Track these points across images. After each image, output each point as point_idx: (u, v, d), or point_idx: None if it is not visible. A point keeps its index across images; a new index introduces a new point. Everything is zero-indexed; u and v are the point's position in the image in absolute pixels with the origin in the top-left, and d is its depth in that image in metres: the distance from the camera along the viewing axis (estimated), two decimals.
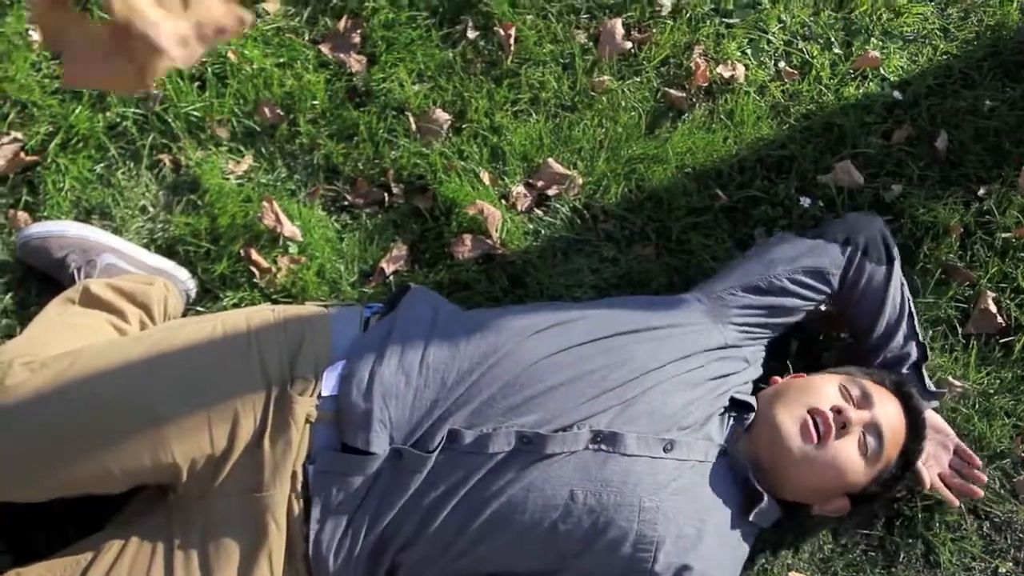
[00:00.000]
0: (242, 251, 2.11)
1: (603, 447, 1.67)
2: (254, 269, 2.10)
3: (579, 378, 1.70)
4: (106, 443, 1.59)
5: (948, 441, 2.02)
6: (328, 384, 1.68)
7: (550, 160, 2.23)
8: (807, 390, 1.80)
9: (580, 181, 2.23)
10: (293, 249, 2.12)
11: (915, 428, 1.82)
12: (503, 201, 2.20)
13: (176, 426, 1.60)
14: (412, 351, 1.71)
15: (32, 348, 1.69)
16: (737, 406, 1.84)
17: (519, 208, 2.20)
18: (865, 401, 1.77)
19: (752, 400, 1.85)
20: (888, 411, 1.78)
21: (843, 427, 1.72)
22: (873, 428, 1.75)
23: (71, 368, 1.61)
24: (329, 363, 1.71)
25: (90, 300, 1.87)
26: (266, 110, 2.22)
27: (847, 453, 1.74)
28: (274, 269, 2.10)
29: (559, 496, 1.64)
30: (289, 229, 2.12)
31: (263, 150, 2.22)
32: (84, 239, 1.99)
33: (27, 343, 1.73)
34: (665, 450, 1.70)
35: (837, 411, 1.73)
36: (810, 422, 1.72)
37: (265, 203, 2.12)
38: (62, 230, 2.00)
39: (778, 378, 1.96)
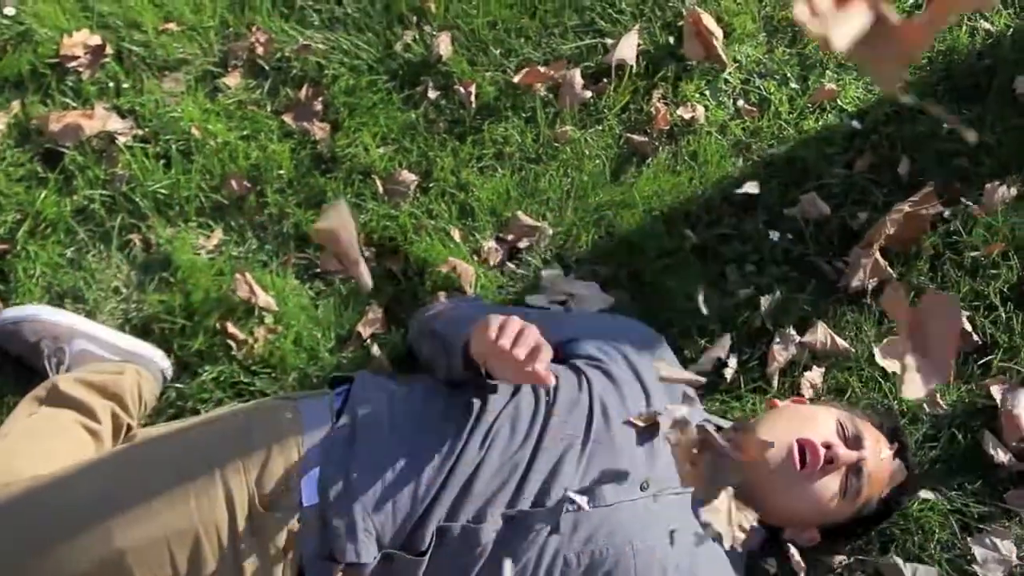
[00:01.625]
0: (218, 324, 2.11)
1: (583, 506, 1.67)
2: (231, 342, 2.09)
3: (543, 450, 1.71)
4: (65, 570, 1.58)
5: None
6: (307, 493, 1.66)
7: (519, 213, 2.25)
8: (804, 419, 1.80)
9: (550, 232, 2.24)
10: (269, 319, 2.12)
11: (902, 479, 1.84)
12: (475, 257, 2.21)
13: (135, 552, 1.58)
14: (379, 455, 1.69)
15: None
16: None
17: (491, 263, 2.21)
18: (856, 443, 1.76)
19: (726, 424, 1.88)
20: (877, 455, 1.78)
21: (830, 462, 1.72)
22: (858, 469, 1.75)
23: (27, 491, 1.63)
24: (303, 470, 1.68)
25: (59, 399, 1.86)
26: (233, 183, 2.23)
27: (828, 489, 1.74)
28: (251, 340, 2.10)
29: (556, 566, 1.63)
30: (264, 299, 2.12)
31: (232, 223, 2.22)
32: (56, 324, 1.99)
33: None
34: (642, 488, 1.70)
35: (827, 446, 1.72)
36: (796, 450, 1.72)
37: (238, 275, 2.12)
38: (34, 314, 2.00)
39: (777, 401, 1.97)
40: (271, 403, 1.84)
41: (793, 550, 1.90)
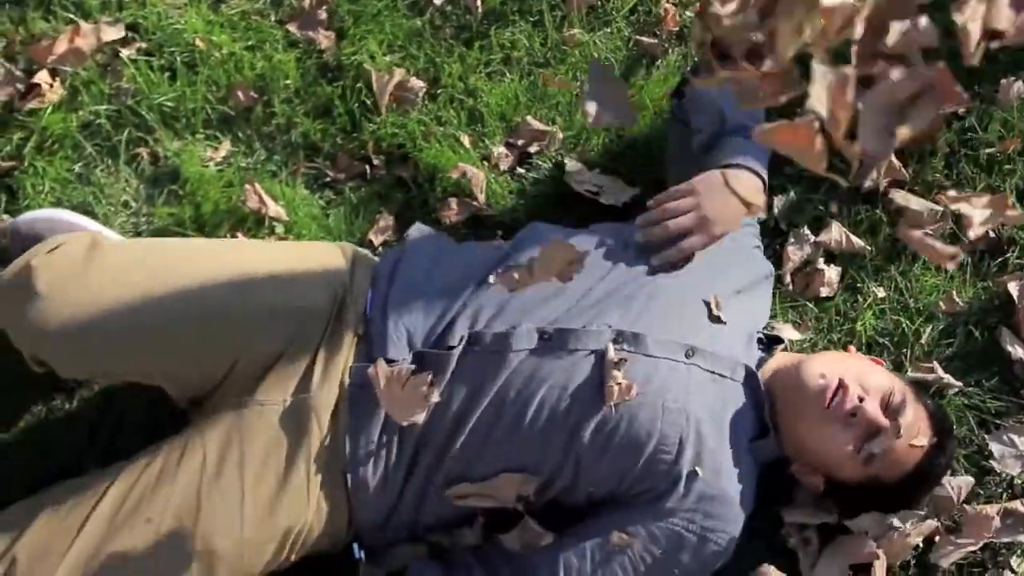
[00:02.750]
0: (229, 236, 2.10)
1: (625, 347, 1.68)
2: None
3: (597, 280, 1.76)
4: (206, 330, 1.67)
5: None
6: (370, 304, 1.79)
7: (528, 118, 2.22)
8: (862, 368, 1.77)
9: (560, 136, 2.21)
10: (280, 229, 2.11)
11: (927, 475, 1.81)
12: (485, 163, 2.19)
13: (262, 318, 1.69)
14: (424, 263, 1.82)
15: None
16: (769, 339, 1.90)
17: (502, 168, 2.19)
18: (893, 414, 1.72)
19: (785, 334, 1.92)
20: (907, 438, 1.73)
21: (852, 414, 1.70)
22: (878, 436, 1.71)
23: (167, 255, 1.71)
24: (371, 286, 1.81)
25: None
26: (239, 94, 2.20)
27: (841, 439, 1.72)
28: None
29: (583, 393, 1.66)
30: (274, 210, 2.11)
31: (240, 134, 2.21)
32: (73, 224, 1.97)
33: None
34: (687, 356, 1.71)
35: (860, 399, 1.70)
36: (831, 388, 1.70)
37: (247, 186, 2.10)
38: (52, 215, 1.99)
39: (853, 348, 1.96)
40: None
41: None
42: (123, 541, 1.58)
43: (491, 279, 1.75)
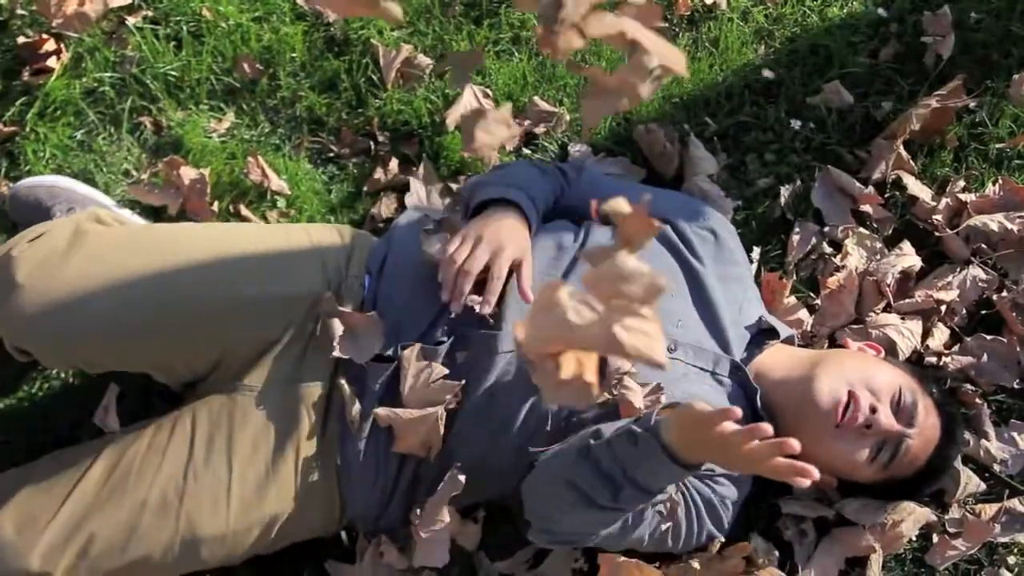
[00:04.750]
0: (231, 207, 2.08)
1: None
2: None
3: (571, 274, 1.73)
4: (193, 320, 1.64)
5: None
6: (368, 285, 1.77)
7: (536, 98, 2.20)
8: (867, 370, 1.72)
9: (567, 118, 2.20)
10: (281, 203, 2.10)
11: (938, 467, 1.78)
12: None
13: (252, 306, 1.66)
14: (411, 256, 1.75)
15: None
16: (764, 331, 1.85)
17: (507, 148, 2.17)
18: (908, 418, 1.69)
19: (780, 328, 1.85)
20: (924, 436, 1.71)
21: (867, 427, 1.66)
22: (895, 444, 1.68)
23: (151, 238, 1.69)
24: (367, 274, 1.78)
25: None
26: (245, 66, 2.19)
27: (857, 450, 1.68)
28: (264, 223, 2.06)
29: None
30: (276, 183, 2.09)
31: (244, 106, 2.19)
32: (74, 192, 1.96)
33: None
34: (669, 350, 1.69)
35: (872, 410, 1.66)
36: (843, 403, 1.66)
37: (250, 158, 2.09)
38: (52, 181, 1.97)
39: (850, 340, 1.93)
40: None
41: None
42: (107, 514, 1.57)
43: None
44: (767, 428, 1.22)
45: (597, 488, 1.49)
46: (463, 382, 1.64)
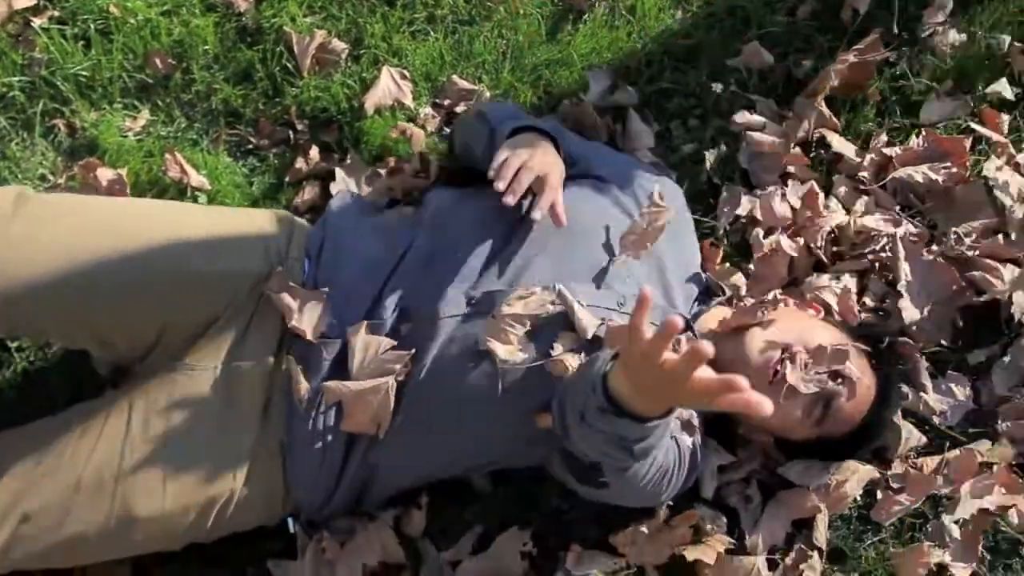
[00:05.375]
0: None
1: (555, 302, 1.65)
2: None
3: (509, 240, 1.71)
4: (138, 289, 1.61)
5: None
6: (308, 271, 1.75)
7: (454, 77, 2.18)
8: (802, 328, 1.73)
9: (487, 95, 2.18)
10: (203, 199, 2.07)
11: (873, 427, 1.78)
12: (412, 124, 2.15)
13: (198, 280, 1.64)
14: (347, 238, 1.77)
15: None
16: (709, 289, 1.87)
17: (429, 130, 2.15)
18: (842, 375, 1.69)
19: (722, 287, 1.87)
20: (856, 396, 1.71)
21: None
22: (827, 400, 1.69)
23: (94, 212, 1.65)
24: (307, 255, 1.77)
25: None
26: (157, 61, 2.15)
27: (791, 407, 1.68)
28: None
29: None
30: (196, 179, 2.06)
31: (159, 102, 2.16)
32: None
33: None
34: (619, 304, 1.68)
35: (805, 367, 1.66)
36: (775, 361, 1.66)
37: (168, 155, 2.06)
38: None
39: (789, 300, 1.89)
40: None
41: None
42: (42, 495, 1.56)
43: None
44: (706, 349, 1.18)
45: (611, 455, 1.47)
46: (413, 351, 1.62)
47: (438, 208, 1.81)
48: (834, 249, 2.10)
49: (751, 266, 2.06)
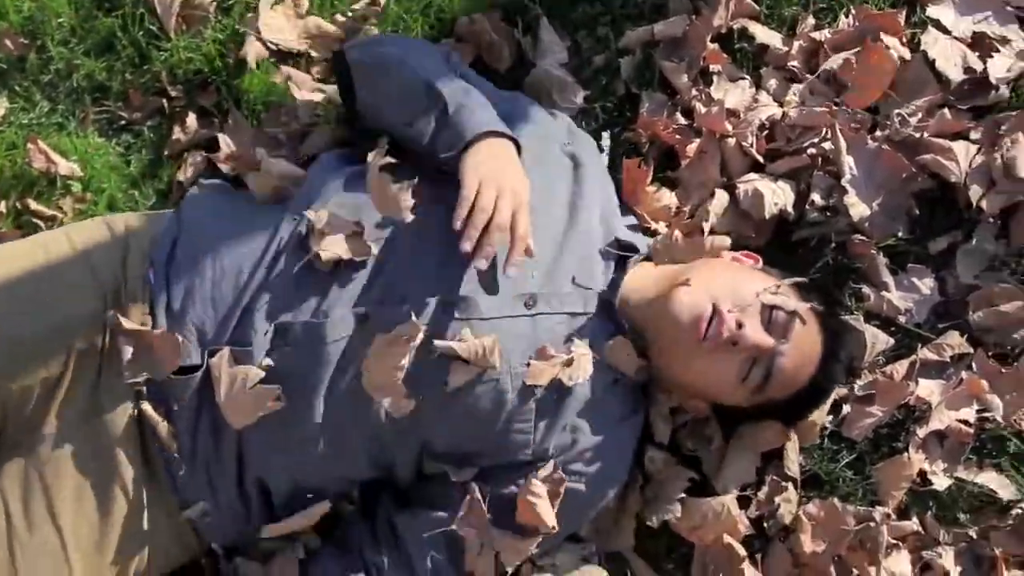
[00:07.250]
0: (19, 204, 1.93)
1: (456, 315, 1.49)
2: (38, 220, 1.91)
3: (403, 245, 1.56)
4: None
5: None
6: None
7: (337, 16, 2.01)
8: (735, 281, 1.58)
9: (376, 31, 2.00)
10: (76, 187, 1.94)
11: (821, 387, 1.66)
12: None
13: (21, 347, 1.50)
14: (205, 240, 1.59)
15: None
16: (621, 247, 1.67)
17: (314, 75, 1.99)
18: (782, 332, 1.55)
19: (639, 242, 1.70)
20: (799, 353, 1.57)
21: (733, 343, 1.51)
22: (768, 361, 1.55)
23: None
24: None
25: None
26: (7, 42, 2.01)
27: (724, 369, 1.55)
28: (59, 215, 1.92)
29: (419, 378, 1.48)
30: (65, 167, 1.93)
31: (16, 87, 2.02)
32: None
33: None
34: (527, 306, 1.53)
35: (739, 325, 1.51)
36: (705, 318, 1.51)
37: (31, 144, 1.92)
38: None
39: (724, 252, 1.73)
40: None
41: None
42: None
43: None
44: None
45: None
46: (278, 388, 1.47)
47: (312, 185, 1.64)
48: (769, 147, 1.93)
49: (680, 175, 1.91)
